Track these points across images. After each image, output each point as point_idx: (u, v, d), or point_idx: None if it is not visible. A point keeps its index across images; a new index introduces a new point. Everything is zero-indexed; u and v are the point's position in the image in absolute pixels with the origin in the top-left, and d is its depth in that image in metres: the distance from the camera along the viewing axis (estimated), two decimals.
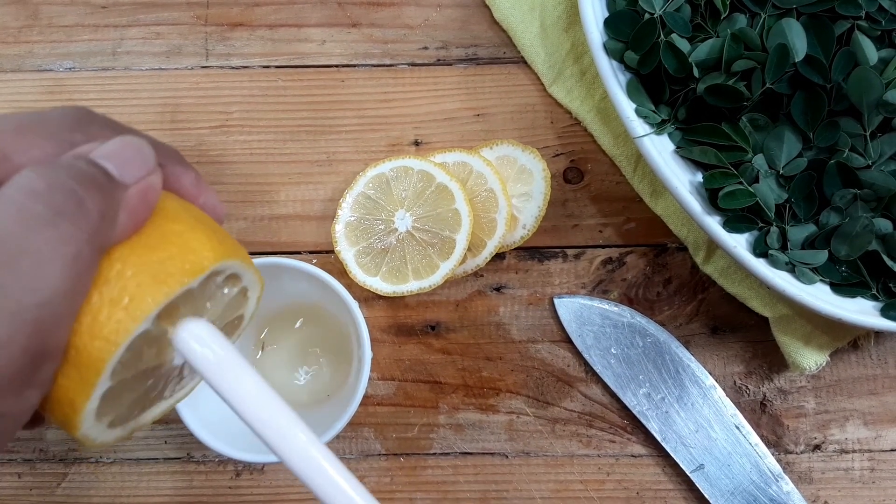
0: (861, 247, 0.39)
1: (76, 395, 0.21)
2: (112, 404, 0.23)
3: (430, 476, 0.47)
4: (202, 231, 0.24)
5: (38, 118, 0.23)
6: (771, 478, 0.45)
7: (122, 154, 0.22)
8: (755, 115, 0.41)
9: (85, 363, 0.21)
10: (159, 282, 0.22)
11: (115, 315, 0.21)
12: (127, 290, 0.21)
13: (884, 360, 0.47)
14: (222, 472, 0.47)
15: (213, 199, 0.27)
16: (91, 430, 0.23)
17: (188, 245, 0.23)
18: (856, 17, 0.39)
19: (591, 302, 0.47)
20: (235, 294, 0.26)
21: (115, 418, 0.24)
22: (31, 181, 0.20)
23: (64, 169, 0.21)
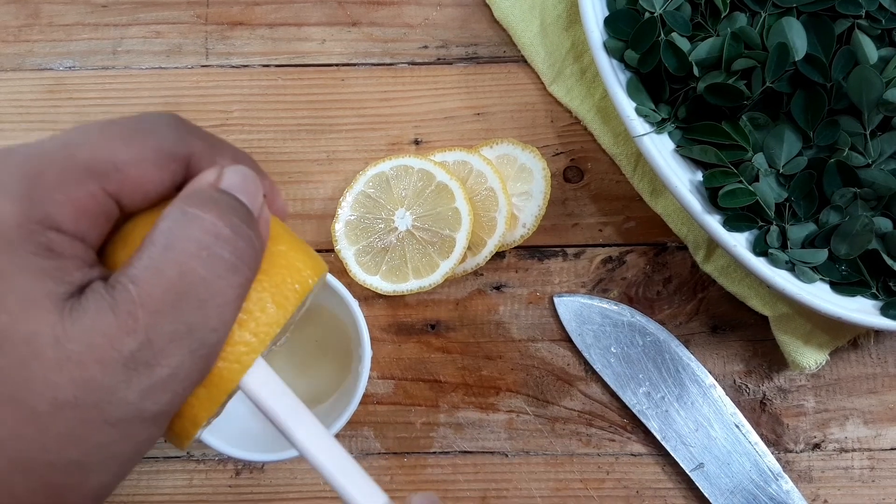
0: (861, 246, 0.39)
1: (201, 411, 0.23)
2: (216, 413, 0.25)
3: (430, 475, 0.47)
4: (300, 249, 0.25)
5: (138, 126, 0.23)
6: (771, 476, 0.45)
7: (248, 188, 0.24)
8: (755, 113, 0.41)
9: (216, 383, 0.22)
10: (280, 305, 0.23)
11: (245, 339, 0.22)
12: (253, 315, 0.23)
13: (883, 359, 0.47)
14: (222, 470, 0.47)
15: (282, 200, 0.28)
16: (198, 436, 0.25)
17: (294, 266, 0.25)
18: (856, 16, 0.39)
19: (590, 301, 0.47)
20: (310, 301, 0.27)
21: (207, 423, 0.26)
22: (215, 226, 0.21)
23: (233, 211, 0.22)
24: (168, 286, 0.20)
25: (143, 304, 0.20)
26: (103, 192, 0.22)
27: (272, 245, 0.24)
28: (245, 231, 0.22)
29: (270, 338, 0.23)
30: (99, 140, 0.22)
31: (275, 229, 0.25)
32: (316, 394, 0.45)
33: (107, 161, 0.22)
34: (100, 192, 0.22)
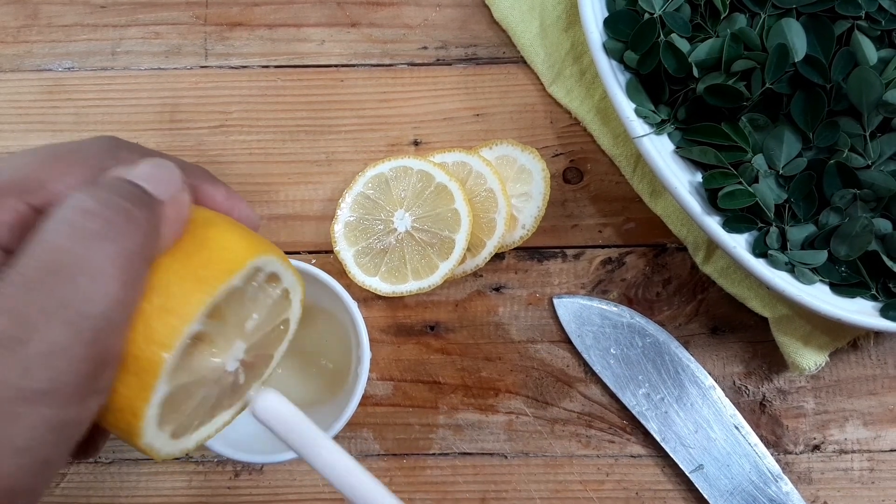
0: (861, 247, 0.39)
1: (136, 400, 0.22)
2: (172, 412, 0.24)
3: (430, 476, 0.47)
4: (236, 231, 0.25)
5: (71, 147, 0.25)
6: (770, 478, 0.45)
7: (156, 174, 0.24)
8: (755, 115, 0.41)
9: (144, 368, 0.22)
10: (202, 282, 0.23)
11: (166, 320, 0.22)
12: (174, 296, 0.22)
13: (883, 361, 0.47)
14: (221, 472, 0.47)
15: (247, 209, 0.29)
16: (155, 439, 0.24)
17: (224, 245, 0.24)
18: (856, 17, 0.39)
19: (590, 302, 0.47)
20: (279, 296, 0.27)
21: (177, 428, 0.25)
22: (82, 201, 0.22)
23: (110, 188, 0.23)
24: (39, 264, 0.21)
25: (13, 283, 0.20)
26: (27, 207, 0.23)
27: (200, 230, 0.24)
28: (118, 203, 0.22)
29: (191, 317, 0.22)
30: (27, 161, 0.24)
31: (207, 218, 0.25)
32: (315, 395, 0.45)
33: (32, 179, 0.24)
34: (23, 206, 0.23)
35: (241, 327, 0.25)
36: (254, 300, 0.26)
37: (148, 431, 0.23)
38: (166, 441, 0.24)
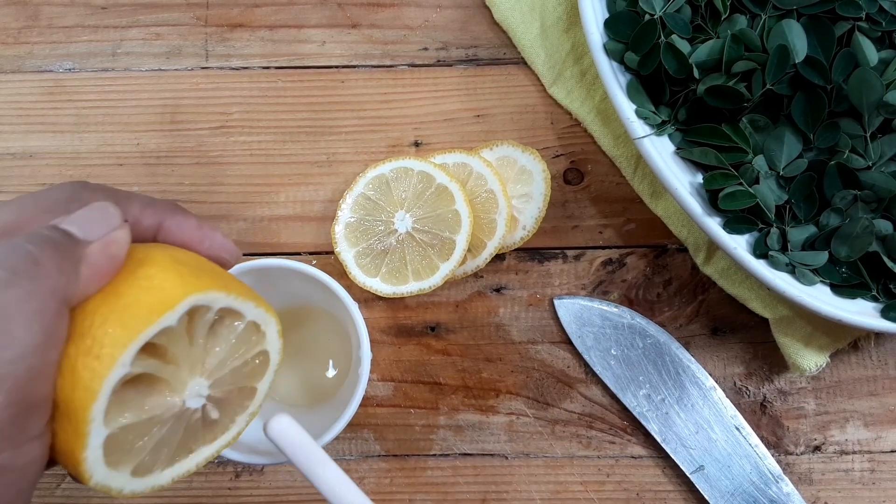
0: (861, 248, 0.39)
1: (73, 445, 0.22)
2: (124, 452, 0.24)
3: (430, 477, 0.47)
4: (175, 270, 0.24)
5: (38, 196, 0.25)
6: (771, 479, 0.45)
7: (88, 216, 0.24)
8: (755, 116, 0.41)
9: (73, 413, 0.22)
10: (126, 326, 0.22)
11: (89, 364, 0.22)
12: (97, 339, 0.22)
13: (884, 362, 0.47)
14: (222, 473, 0.47)
15: (220, 239, 0.28)
16: (109, 479, 0.23)
17: (156, 285, 0.24)
18: (856, 19, 0.39)
19: (591, 303, 0.47)
20: (243, 329, 0.26)
21: (139, 466, 0.24)
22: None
23: (28, 236, 0.23)
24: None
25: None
26: None
27: (139, 269, 0.24)
28: (25, 249, 0.22)
29: (116, 360, 0.22)
30: (3, 211, 0.25)
31: (152, 256, 0.25)
32: (316, 396, 0.45)
33: (9, 228, 0.24)
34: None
35: (198, 364, 0.25)
36: (213, 335, 0.25)
37: (95, 472, 0.23)
38: (127, 480, 0.24)
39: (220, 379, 0.26)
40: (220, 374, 0.26)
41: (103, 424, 0.22)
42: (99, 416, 0.22)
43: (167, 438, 0.25)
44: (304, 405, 0.45)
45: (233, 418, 0.27)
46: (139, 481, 0.24)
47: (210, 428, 0.27)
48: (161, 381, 0.24)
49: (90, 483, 0.23)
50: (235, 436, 0.28)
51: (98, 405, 0.22)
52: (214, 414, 0.26)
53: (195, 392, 0.25)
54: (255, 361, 0.27)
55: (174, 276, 0.24)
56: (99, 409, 0.22)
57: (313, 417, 0.43)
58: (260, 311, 0.27)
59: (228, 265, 0.29)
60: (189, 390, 0.25)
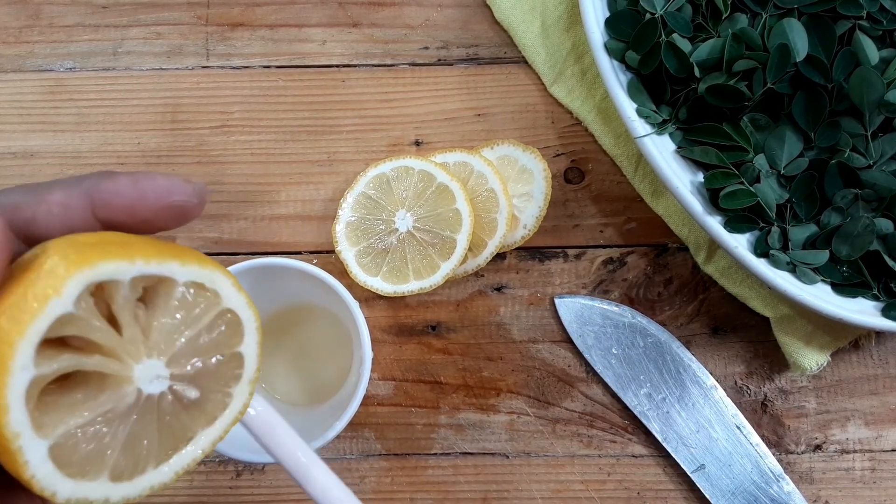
0: (862, 247, 0.39)
1: (17, 470, 0.20)
2: (85, 460, 0.22)
3: (431, 476, 0.47)
4: (71, 251, 0.22)
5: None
6: (772, 478, 0.45)
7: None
8: (756, 114, 0.41)
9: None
10: (16, 323, 0.20)
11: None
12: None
13: (885, 360, 0.47)
14: (223, 471, 0.47)
15: (162, 184, 0.24)
16: (79, 491, 0.21)
17: (45, 273, 0.21)
18: (857, 17, 0.39)
19: (591, 302, 0.47)
20: (182, 294, 0.24)
21: (114, 470, 0.22)
22: None
23: None
24: None
25: None
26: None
27: (28, 264, 0.21)
28: None
29: (12, 362, 0.20)
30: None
31: (45, 246, 0.22)
32: (317, 395, 0.45)
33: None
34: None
35: (137, 345, 0.23)
36: (151, 310, 0.23)
37: (59, 489, 0.21)
38: (108, 487, 0.22)
39: (178, 354, 0.23)
40: (175, 349, 0.23)
41: (37, 437, 0.20)
42: (24, 430, 0.20)
43: (139, 433, 0.23)
44: (304, 404, 0.45)
45: (226, 391, 0.25)
46: (127, 485, 0.22)
47: (199, 409, 0.24)
48: (100, 375, 0.22)
49: (61, 502, 0.21)
50: (242, 409, 0.25)
51: (14, 418, 0.20)
52: (192, 393, 0.24)
53: (149, 376, 0.23)
54: (219, 326, 0.25)
55: (66, 259, 0.21)
56: (18, 423, 0.20)
57: (314, 416, 0.43)
58: (193, 269, 0.23)
59: (193, 209, 0.25)
60: (139, 375, 0.22)
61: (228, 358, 0.25)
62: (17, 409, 0.20)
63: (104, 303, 0.22)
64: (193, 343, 0.24)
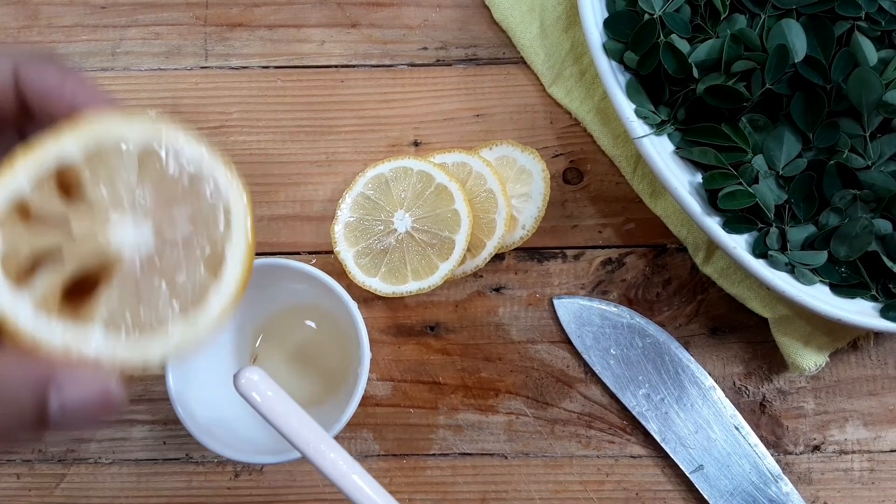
0: (861, 248, 0.39)
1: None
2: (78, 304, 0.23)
3: (430, 477, 0.47)
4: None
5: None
6: (770, 478, 0.45)
7: None
8: (755, 115, 0.41)
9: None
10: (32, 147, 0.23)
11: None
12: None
13: (883, 361, 0.47)
14: (221, 472, 0.47)
15: (85, 91, 0.25)
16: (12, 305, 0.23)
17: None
18: (855, 18, 0.39)
19: (590, 302, 0.47)
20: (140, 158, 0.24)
21: (110, 319, 0.23)
22: None
23: None
24: None
25: None
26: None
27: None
28: None
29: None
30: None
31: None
32: (315, 395, 0.45)
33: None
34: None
35: (113, 208, 0.24)
36: (99, 180, 0.24)
37: (42, 330, 0.22)
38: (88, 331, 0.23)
39: (158, 195, 0.24)
40: (153, 190, 0.24)
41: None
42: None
43: (147, 288, 0.24)
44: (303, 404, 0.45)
45: (217, 273, 0.25)
46: (115, 338, 0.23)
47: (204, 272, 0.25)
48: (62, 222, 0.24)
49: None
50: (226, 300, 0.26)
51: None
52: (206, 250, 0.25)
53: (134, 205, 0.24)
54: (184, 182, 0.25)
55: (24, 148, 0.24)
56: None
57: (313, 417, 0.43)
58: (133, 129, 0.25)
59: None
60: (118, 233, 0.24)
61: (218, 250, 0.25)
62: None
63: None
64: (167, 202, 0.25)
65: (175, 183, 0.25)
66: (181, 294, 0.24)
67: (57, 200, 0.24)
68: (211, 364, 0.43)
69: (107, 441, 0.47)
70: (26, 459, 0.47)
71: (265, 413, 0.30)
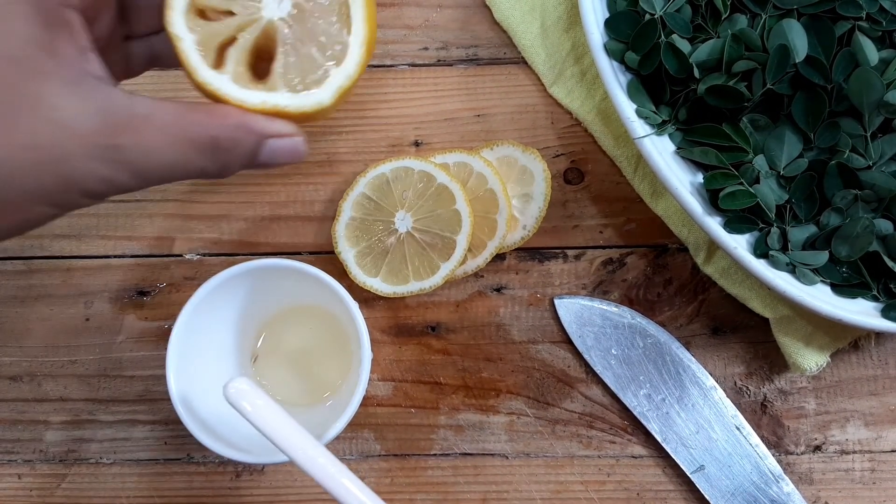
0: (862, 248, 0.39)
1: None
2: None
3: (431, 477, 0.47)
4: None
5: None
6: (771, 478, 0.45)
7: None
8: (756, 115, 0.41)
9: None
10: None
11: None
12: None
13: (884, 361, 0.47)
14: (222, 472, 0.47)
15: None
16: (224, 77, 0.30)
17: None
18: (856, 18, 0.39)
19: (591, 303, 0.47)
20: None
21: (286, 79, 0.30)
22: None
23: None
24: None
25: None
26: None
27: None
28: None
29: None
30: None
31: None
32: (316, 395, 0.45)
33: None
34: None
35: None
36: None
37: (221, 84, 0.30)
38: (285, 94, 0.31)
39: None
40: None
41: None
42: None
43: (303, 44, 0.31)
44: (304, 405, 0.45)
45: (347, 26, 0.31)
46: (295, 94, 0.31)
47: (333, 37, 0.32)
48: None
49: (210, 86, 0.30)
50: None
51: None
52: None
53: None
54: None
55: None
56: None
57: (313, 417, 0.43)
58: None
59: None
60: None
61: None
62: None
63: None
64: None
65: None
66: (328, 47, 0.30)
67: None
68: (212, 364, 0.43)
69: (108, 441, 0.47)
70: (27, 459, 0.47)
71: (255, 421, 0.31)
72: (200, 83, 0.29)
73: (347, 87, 0.31)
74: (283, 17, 0.30)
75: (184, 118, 0.28)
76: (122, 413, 0.47)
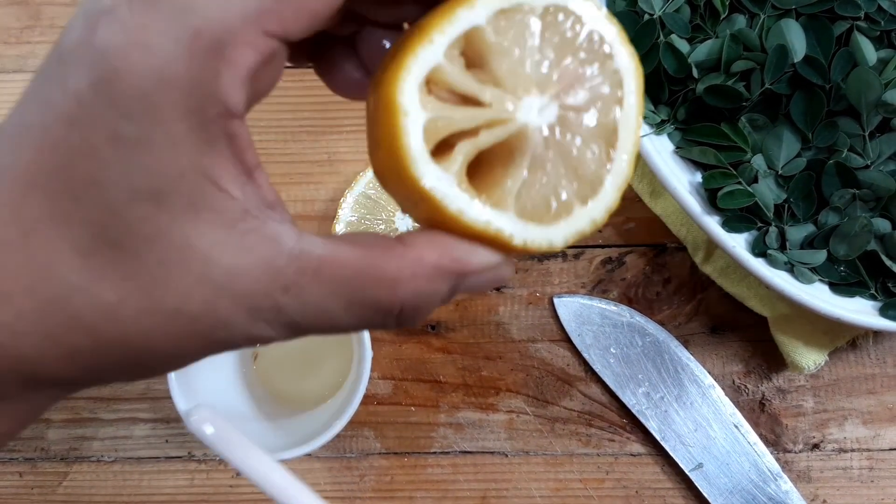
0: (860, 247, 0.39)
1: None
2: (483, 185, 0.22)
3: (430, 475, 0.47)
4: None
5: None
6: (770, 476, 0.45)
7: None
8: (754, 115, 0.41)
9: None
10: (441, 15, 0.21)
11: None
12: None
13: (882, 360, 0.47)
14: (223, 470, 0.47)
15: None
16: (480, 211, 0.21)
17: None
18: (855, 18, 0.39)
19: (590, 301, 0.47)
20: (552, 22, 0.22)
21: (519, 200, 0.22)
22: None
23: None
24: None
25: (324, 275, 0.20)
26: (265, 37, 0.18)
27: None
28: None
29: (428, 44, 0.22)
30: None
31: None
32: (317, 394, 0.46)
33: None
34: (262, 39, 0.18)
35: (522, 79, 0.22)
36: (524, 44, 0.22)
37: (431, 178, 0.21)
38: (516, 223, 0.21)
39: (559, 82, 0.22)
40: (554, 79, 0.22)
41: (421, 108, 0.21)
42: (415, 86, 0.21)
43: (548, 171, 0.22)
44: (304, 403, 0.45)
45: (615, 102, 0.23)
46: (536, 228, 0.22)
47: (597, 137, 0.23)
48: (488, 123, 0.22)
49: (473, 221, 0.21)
50: (636, 125, 0.23)
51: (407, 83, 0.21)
52: (589, 119, 0.23)
53: (535, 108, 0.22)
54: (588, 47, 0.23)
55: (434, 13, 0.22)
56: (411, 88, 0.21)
57: (314, 416, 0.44)
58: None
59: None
60: (525, 109, 0.22)
61: (606, 74, 0.23)
62: (413, 81, 0.21)
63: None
64: (568, 70, 0.22)
65: (575, 48, 0.23)
66: (580, 173, 0.22)
67: (465, 71, 0.22)
68: (213, 363, 0.43)
69: (109, 439, 0.47)
70: (28, 458, 0.47)
71: (214, 446, 0.30)
72: (412, 176, 0.21)
73: (585, 234, 0.22)
74: (542, 126, 0.22)
75: (365, 275, 0.21)
76: (124, 411, 0.47)
